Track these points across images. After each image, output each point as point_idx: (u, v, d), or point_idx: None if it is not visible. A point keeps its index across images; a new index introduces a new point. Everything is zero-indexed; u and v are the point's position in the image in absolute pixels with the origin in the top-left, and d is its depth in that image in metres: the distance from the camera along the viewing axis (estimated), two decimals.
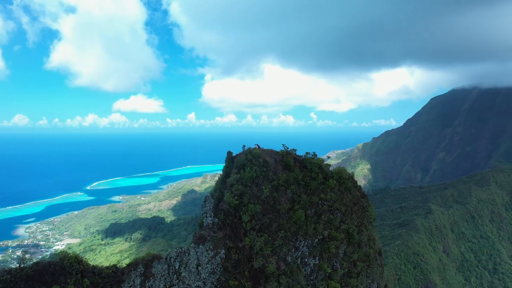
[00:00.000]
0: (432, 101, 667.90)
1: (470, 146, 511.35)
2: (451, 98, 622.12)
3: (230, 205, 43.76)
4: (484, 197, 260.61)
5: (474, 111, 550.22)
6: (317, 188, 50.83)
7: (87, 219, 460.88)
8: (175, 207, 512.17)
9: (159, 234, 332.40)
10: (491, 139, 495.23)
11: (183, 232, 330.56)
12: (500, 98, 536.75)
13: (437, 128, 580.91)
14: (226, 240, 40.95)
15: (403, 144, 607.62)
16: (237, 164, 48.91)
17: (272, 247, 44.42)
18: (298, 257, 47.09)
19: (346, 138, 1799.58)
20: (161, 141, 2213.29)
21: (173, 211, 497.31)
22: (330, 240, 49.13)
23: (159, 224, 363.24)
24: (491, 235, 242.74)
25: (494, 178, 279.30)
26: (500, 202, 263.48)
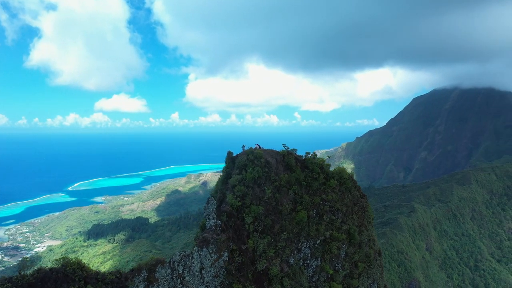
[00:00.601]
0: (414, 101, 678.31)
1: (451, 146, 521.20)
2: (433, 98, 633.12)
3: (233, 206, 43.03)
4: (465, 196, 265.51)
5: (455, 111, 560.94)
6: (318, 188, 50.47)
7: (69, 221, 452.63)
8: (159, 207, 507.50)
9: (143, 235, 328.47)
10: (471, 139, 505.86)
11: (167, 232, 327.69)
12: (480, 98, 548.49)
13: (419, 128, 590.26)
14: (229, 242, 40.26)
15: (386, 143, 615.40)
16: (238, 164, 48.14)
17: (275, 249, 43.87)
18: (300, 259, 46.66)
19: (330, 137, 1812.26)
20: (144, 141, 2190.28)
21: (157, 212, 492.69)
22: (331, 241, 48.83)
23: (143, 225, 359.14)
24: (472, 232, 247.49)
25: (474, 177, 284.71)
26: (480, 200, 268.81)
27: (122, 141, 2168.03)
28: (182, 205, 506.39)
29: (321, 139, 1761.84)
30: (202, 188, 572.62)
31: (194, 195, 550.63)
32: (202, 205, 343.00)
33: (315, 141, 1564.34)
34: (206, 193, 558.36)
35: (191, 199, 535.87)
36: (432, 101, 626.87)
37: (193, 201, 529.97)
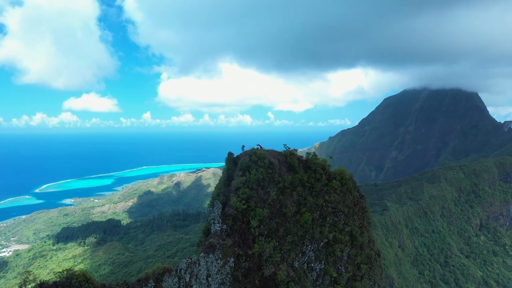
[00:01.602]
0: (385, 101, 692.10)
1: (420, 145, 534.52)
2: (403, 99, 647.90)
3: (237, 209, 41.27)
4: (435, 194, 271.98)
5: (424, 111, 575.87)
6: (321, 189, 49.27)
7: (36, 224, 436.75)
8: (131, 209, 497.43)
9: (115, 237, 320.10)
10: (439, 138, 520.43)
11: (140, 234, 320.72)
12: (447, 99, 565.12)
13: (390, 128, 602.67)
14: (234, 247, 38.68)
15: (358, 143, 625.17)
16: (241, 166, 46.32)
17: (281, 253, 42.46)
18: (304, 262, 45.47)
19: (303, 137, 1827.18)
20: (115, 141, 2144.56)
21: (129, 213, 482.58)
22: (334, 243, 47.81)
23: (115, 227, 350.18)
24: (442, 229, 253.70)
25: (444, 175, 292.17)
26: (450, 198, 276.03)
27: (92, 142, 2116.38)
28: (155, 206, 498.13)
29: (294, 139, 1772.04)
30: (175, 189, 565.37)
31: (167, 196, 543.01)
32: (175, 206, 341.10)
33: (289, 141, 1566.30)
34: (180, 194, 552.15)
35: (164, 200, 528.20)
36: (402, 101, 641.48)
37: (166, 202, 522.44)
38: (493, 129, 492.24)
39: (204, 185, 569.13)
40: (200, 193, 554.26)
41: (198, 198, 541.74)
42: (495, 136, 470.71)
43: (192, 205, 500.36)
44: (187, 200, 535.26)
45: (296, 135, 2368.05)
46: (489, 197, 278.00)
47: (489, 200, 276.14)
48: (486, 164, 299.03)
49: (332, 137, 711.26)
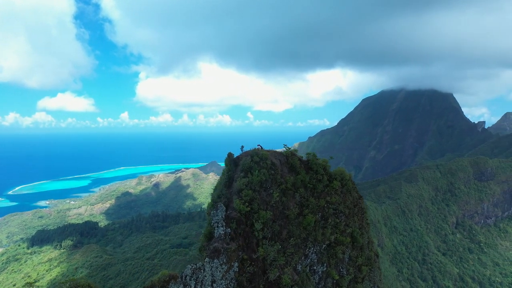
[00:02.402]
0: (363, 101, 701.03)
1: (398, 145, 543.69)
2: (381, 99, 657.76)
3: (241, 212, 40.11)
4: (413, 193, 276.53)
5: (402, 112, 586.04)
6: (322, 190, 48.60)
7: (10, 227, 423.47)
8: (109, 210, 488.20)
9: (92, 240, 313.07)
10: (416, 138, 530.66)
11: (118, 236, 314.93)
12: (424, 99, 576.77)
13: (368, 128, 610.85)
14: (239, 251, 37.54)
15: (337, 143, 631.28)
16: (243, 167, 45.10)
17: (284, 256, 41.58)
18: (307, 265, 44.68)
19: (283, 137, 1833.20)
20: (91, 142, 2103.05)
21: (107, 215, 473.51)
22: (336, 245, 47.17)
23: (92, 229, 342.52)
24: (420, 228, 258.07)
25: (421, 175, 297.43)
26: (427, 197, 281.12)
27: (68, 142, 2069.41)
28: (133, 208, 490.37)
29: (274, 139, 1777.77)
30: (154, 190, 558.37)
31: (146, 197, 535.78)
32: (154, 207, 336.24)
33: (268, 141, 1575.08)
34: (159, 195, 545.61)
35: (143, 201, 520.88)
36: (380, 102, 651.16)
37: (145, 203, 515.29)
38: (468, 129, 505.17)
39: (184, 186, 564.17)
40: (180, 194, 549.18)
41: (178, 199, 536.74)
42: (470, 136, 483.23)
43: (171, 206, 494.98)
44: (166, 201, 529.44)
45: (275, 135, 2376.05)
46: (465, 196, 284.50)
47: (464, 198, 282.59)
48: (461, 164, 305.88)
49: (311, 137, 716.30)
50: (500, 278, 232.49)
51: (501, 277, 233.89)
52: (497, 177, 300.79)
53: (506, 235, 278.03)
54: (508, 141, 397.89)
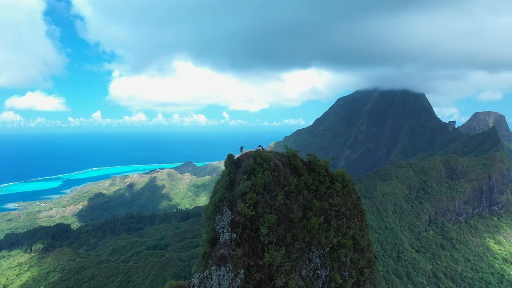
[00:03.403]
0: (338, 101, 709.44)
1: (372, 144, 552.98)
2: (355, 99, 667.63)
3: (246, 216, 38.52)
4: (387, 191, 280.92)
5: (375, 111, 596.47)
6: (325, 192, 47.54)
7: None
8: (81, 212, 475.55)
9: (64, 242, 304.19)
10: (390, 137, 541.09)
11: (92, 239, 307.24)
12: (397, 99, 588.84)
13: (343, 127, 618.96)
14: (244, 258, 35.97)
15: (313, 142, 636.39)
16: (245, 169, 43.46)
17: (289, 261, 40.25)
18: (311, 269, 43.55)
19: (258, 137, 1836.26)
20: (62, 142, 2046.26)
21: (79, 217, 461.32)
22: (339, 248, 46.23)
23: (64, 231, 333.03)
24: (394, 225, 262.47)
25: (395, 173, 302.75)
26: (401, 195, 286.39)
27: (37, 142, 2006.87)
28: (107, 209, 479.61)
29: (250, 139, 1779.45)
30: (128, 191, 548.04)
31: (120, 198, 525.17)
32: (129, 208, 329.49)
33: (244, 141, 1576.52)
34: (133, 196, 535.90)
35: (117, 203, 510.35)
36: (354, 101, 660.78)
37: (118, 204, 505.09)
38: (439, 128, 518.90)
39: (159, 186, 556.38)
40: (155, 194, 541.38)
41: (153, 199, 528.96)
42: (441, 135, 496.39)
43: (146, 207, 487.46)
44: (141, 202, 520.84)
45: (251, 134, 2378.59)
46: (437, 194, 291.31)
47: (437, 196, 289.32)
48: (433, 162, 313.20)
49: (287, 137, 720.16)
50: (471, 274, 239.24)
51: (472, 273, 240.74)
52: (467, 175, 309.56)
53: (476, 232, 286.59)
54: (477, 140, 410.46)
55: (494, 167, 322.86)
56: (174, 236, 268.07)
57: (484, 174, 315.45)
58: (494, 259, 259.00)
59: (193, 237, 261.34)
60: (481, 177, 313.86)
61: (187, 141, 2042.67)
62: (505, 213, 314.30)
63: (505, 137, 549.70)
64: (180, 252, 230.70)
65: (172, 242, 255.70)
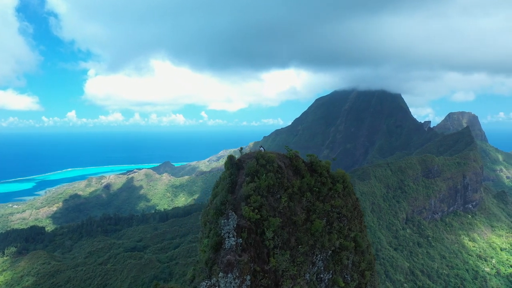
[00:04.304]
0: (316, 101, 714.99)
1: (350, 144, 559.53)
2: (333, 99, 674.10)
3: (251, 220, 37.15)
4: (366, 190, 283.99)
5: (353, 112, 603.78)
6: (327, 194, 46.47)
7: None
8: (56, 214, 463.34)
9: (38, 245, 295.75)
10: (367, 137, 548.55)
11: (67, 241, 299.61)
12: (374, 100, 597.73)
13: (322, 127, 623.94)
14: (250, 263, 34.70)
15: (291, 142, 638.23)
16: (248, 170, 41.95)
17: (294, 265, 39.09)
18: (314, 273, 42.46)
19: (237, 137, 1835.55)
20: (36, 142, 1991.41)
21: (54, 219, 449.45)
22: (341, 250, 45.27)
23: (38, 234, 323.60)
24: (373, 224, 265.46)
25: (373, 173, 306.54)
26: (379, 194, 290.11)
27: (9, 142, 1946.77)
28: (82, 211, 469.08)
29: (228, 139, 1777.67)
30: (105, 192, 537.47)
31: (96, 200, 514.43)
32: (106, 209, 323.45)
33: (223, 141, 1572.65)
34: (110, 197, 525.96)
35: (93, 204, 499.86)
36: (333, 102, 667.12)
37: (95, 205, 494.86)
38: (415, 128, 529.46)
39: (136, 187, 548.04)
40: (132, 195, 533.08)
41: (130, 200, 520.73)
42: (417, 135, 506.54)
43: (123, 208, 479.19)
44: (118, 203, 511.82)
45: (230, 134, 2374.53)
46: (414, 192, 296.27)
47: (413, 195, 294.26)
48: (410, 162, 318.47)
49: (266, 137, 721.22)
50: (447, 270, 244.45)
51: (447, 269, 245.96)
52: (443, 174, 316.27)
53: (452, 229, 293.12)
54: (452, 140, 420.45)
55: (468, 166, 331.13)
56: (152, 237, 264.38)
57: (458, 173, 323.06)
58: (468, 256, 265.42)
59: (172, 238, 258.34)
60: (456, 176, 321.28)
61: (165, 141, 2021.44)
62: (479, 211, 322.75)
63: (478, 137, 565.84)
64: (159, 253, 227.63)
65: (151, 244, 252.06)
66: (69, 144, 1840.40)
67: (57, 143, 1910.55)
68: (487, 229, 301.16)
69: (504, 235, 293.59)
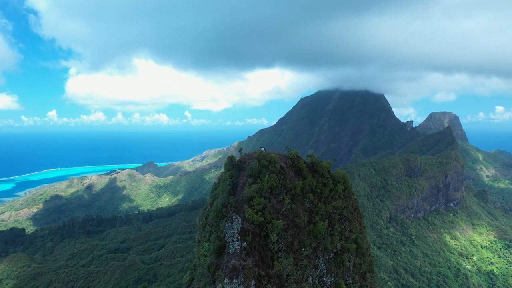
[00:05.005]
0: (301, 101, 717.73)
1: (334, 143, 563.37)
2: (318, 99, 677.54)
3: (254, 223, 35.98)
4: None
5: (337, 111, 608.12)
6: (328, 195, 45.59)
7: None
8: (36, 215, 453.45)
9: (18, 248, 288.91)
10: (351, 137, 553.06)
11: (48, 243, 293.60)
12: (357, 100, 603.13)
13: (306, 127, 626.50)
14: (255, 268, 33.59)
15: (276, 142, 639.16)
16: (251, 171, 40.69)
17: (298, 268, 38.09)
18: (317, 276, 41.49)
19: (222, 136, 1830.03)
20: (15, 142, 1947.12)
21: (34, 221, 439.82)
22: (343, 252, 44.42)
23: (18, 236, 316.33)
24: None
25: (357, 172, 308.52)
26: (363, 193, 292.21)
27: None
28: (64, 212, 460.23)
29: (213, 138, 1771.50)
30: (87, 192, 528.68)
31: (78, 201, 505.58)
32: (88, 210, 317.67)
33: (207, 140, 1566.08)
34: (92, 198, 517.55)
35: (75, 205, 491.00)
36: (317, 101, 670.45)
37: (77, 207, 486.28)
38: (398, 128, 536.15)
39: (119, 188, 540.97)
40: (115, 196, 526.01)
41: (113, 201, 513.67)
42: (399, 135, 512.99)
43: (106, 209, 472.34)
44: (101, 204, 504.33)
45: (214, 134, 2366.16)
46: (397, 192, 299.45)
47: (397, 194, 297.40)
48: (393, 161, 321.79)
49: (251, 136, 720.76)
50: (430, 268, 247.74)
51: (430, 267, 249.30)
52: (425, 173, 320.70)
53: (434, 228, 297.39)
54: (434, 140, 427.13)
55: (450, 165, 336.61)
56: (136, 238, 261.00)
57: (440, 172, 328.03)
58: (450, 254, 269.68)
59: (157, 239, 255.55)
60: (438, 175, 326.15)
61: (149, 141, 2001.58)
62: (460, 209, 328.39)
63: (459, 137, 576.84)
64: (143, 254, 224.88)
65: (135, 245, 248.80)
66: (50, 144, 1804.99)
67: (38, 143, 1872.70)
68: (468, 227, 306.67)
69: (484, 233, 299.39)
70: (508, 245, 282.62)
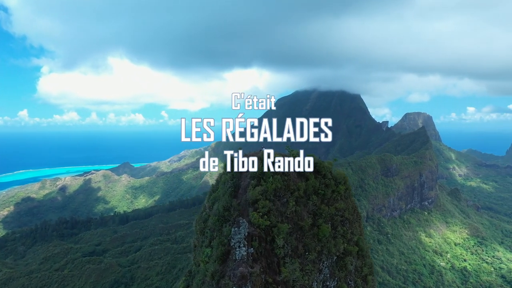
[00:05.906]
0: (278, 101, 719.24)
1: (311, 143, 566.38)
2: (295, 99, 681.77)
3: (260, 227, 34.38)
4: None
5: (315, 111, 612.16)
6: (330, 196, 44.38)
7: None
8: (6, 218, 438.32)
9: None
10: None
11: (20, 247, 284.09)
12: (334, 100, 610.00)
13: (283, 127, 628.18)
14: (262, 275, 32.01)
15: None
16: (254, 173, 39.15)
17: (304, 274, 36.68)
18: (321, 281, 40.26)
19: None
20: None
21: (4, 224, 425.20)
22: (345, 256, 43.26)
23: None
24: None
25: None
26: None
27: None
28: (36, 215, 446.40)
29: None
30: (60, 194, 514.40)
31: (51, 203, 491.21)
32: (61, 213, 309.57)
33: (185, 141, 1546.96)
34: (66, 200, 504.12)
35: (47, 207, 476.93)
36: (294, 102, 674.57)
37: (49, 209, 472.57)
38: (374, 128, 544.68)
39: (94, 189, 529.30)
40: (90, 197, 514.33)
41: (88, 203, 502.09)
42: (375, 135, 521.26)
43: (80, 211, 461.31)
44: (75, 206, 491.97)
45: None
46: (374, 191, 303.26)
47: (373, 193, 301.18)
48: (370, 161, 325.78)
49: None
50: (406, 266, 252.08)
51: (406, 265, 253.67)
52: (400, 172, 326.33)
53: (410, 226, 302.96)
54: (408, 140, 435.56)
55: (424, 164, 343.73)
56: (112, 240, 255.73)
57: (415, 171, 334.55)
58: (425, 251, 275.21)
59: (133, 241, 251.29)
60: (413, 174, 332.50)
61: (124, 141, 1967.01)
62: (434, 207, 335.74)
63: (432, 137, 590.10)
64: (119, 257, 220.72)
65: (111, 247, 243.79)
66: (21, 144, 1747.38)
67: (8, 143, 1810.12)
68: (442, 225, 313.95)
69: (458, 231, 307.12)
70: (480, 242, 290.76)
